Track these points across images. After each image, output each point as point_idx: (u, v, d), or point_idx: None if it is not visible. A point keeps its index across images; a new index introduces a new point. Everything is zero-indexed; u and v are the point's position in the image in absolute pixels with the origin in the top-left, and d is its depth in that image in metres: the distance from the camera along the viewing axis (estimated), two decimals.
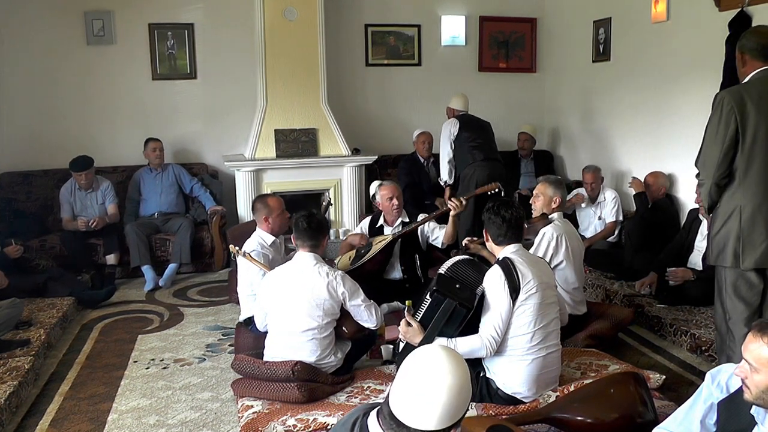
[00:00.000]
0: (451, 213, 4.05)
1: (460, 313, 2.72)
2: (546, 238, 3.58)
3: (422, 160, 6.15)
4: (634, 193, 5.11)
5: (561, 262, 3.60)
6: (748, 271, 2.93)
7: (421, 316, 2.87)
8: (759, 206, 2.86)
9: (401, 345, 2.99)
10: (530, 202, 3.85)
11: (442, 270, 2.95)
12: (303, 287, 3.07)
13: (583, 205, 5.44)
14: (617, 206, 5.31)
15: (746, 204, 2.87)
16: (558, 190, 3.78)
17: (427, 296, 2.84)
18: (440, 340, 2.74)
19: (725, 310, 3.01)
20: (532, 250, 3.49)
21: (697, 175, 3.03)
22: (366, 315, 3.16)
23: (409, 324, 2.87)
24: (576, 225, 5.46)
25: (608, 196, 5.39)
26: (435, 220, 4.24)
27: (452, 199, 4.10)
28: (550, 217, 3.70)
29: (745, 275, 2.94)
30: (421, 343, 2.72)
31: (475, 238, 3.69)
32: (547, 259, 3.51)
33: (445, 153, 5.33)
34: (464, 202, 4.04)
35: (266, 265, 3.59)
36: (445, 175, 5.41)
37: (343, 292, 3.08)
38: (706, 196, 2.97)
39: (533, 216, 3.74)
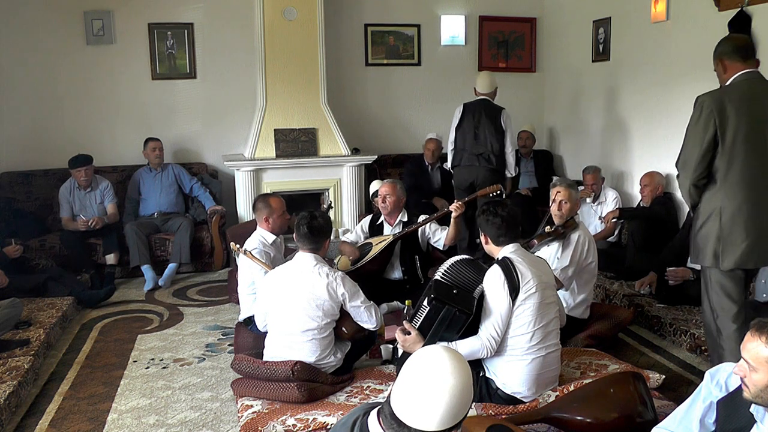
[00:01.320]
0: (453, 215, 4.06)
1: (460, 319, 2.71)
2: (581, 243, 3.59)
3: (427, 164, 6.16)
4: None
5: (591, 261, 3.64)
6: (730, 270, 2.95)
7: (419, 323, 2.83)
8: (739, 207, 2.88)
9: (400, 349, 2.97)
10: (555, 209, 3.69)
11: (438, 275, 2.91)
12: (303, 288, 3.07)
13: (588, 200, 5.45)
14: (618, 206, 5.31)
15: (726, 205, 2.89)
16: (577, 192, 3.83)
17: (425, 303, 2.78)
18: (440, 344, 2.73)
19: (713, 308, 3.03)
20: (569, 257, 3.53)
21: (678, 176, 3.07)
22: (366, 316, 3.15)
23: (406, 332, 2.83)
24: None
25: (609, 196, 5.41)
26: (436, 222, 4.24)
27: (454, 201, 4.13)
28: (576, 220, 3.72)
29: (728, 272, 2.95)
30: None
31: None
32: (582, 260, 3.56)
33: (449, 141, 5.40)
34: (464, 204, 4.06)
35: (267, 264, 3.59)
36: (449, 162, 5.46)
37: (343, 293, 3.08)
38: (686, 196, 3.03)
39: (560, 222, 3.66)
